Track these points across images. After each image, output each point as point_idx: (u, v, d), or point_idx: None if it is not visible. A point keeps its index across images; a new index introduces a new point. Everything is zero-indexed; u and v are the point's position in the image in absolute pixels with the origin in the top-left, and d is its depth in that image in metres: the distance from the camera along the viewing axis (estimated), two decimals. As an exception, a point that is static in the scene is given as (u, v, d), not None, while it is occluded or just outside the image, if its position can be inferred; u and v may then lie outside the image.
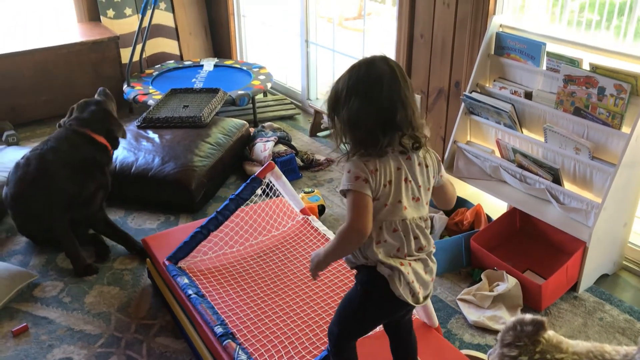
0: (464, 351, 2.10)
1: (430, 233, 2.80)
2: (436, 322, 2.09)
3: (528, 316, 1.67)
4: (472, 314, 2.47)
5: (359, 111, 1.40)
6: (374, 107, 1.40)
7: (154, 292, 2.63)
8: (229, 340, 2.00)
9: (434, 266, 1.61)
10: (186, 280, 2.30)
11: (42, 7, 4.99)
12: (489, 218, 2.90)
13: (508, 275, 2.52)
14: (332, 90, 1.48)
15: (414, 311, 2.11)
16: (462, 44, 3.14)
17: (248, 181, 2.48)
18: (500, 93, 2.88)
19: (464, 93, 2.97)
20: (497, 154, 2.96)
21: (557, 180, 2.65)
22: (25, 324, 2.44)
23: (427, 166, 1.54)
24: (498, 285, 2.54)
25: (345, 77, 1.45)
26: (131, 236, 2.92)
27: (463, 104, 3.01)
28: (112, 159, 2.97)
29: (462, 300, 2.55)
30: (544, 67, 2.74)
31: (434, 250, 1.60)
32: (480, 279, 2.61)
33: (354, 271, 1.60)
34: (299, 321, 2.11)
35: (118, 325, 2.45)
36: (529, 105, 2.77)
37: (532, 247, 2.81)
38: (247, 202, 2.49)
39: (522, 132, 2.84)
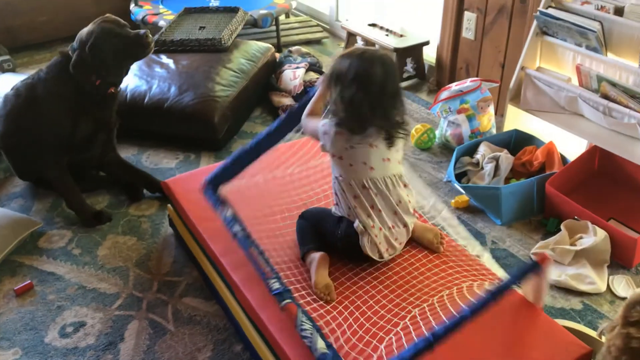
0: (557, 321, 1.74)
1: (495, 176, 2.42)
2: (542, 304, 1.68)
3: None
4: (552, 272, 2.10)
5: (355, 97, 1.61)
6: (367, 101, 1.62)
7: (177, 243, 2.27)
8: (289, 301, 1.58)
9: (404, 233, 1.79)
10: (230, 213, 1.83)
11: None
12: (562, 158, 2.49)
13: (595, 227, 2.14)
14: (336, 66, 1.66)
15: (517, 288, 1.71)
16: (534, -50, 2.63)
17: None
18: (582, 9, 2.41)
19: (538, 9, 2.49)
20: (575, 82, 2.52)
21: (653, 114, 2.23)
22: (29, 281, 2.09)
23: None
24: (582, 237, 2.16)
25: (349, 64, 1.62)
26: (152, 176, 2.55)
27: (535, 23, 2.54)
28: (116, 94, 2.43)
29: (537, 254, 2.18)
30: (643, -24, 2.25)
31: (411, 220, 1.78)
32: (557, 230, 2.24)
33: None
34: (371, 288, 1.75)
35: (137, 283, 2.10)
36: (620, 24, 2.30)
37: (614, 192, 2.42)
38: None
39: (607, 55, 2.38)
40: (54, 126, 2.29)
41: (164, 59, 3.12)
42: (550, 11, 2.45)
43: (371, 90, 1.61)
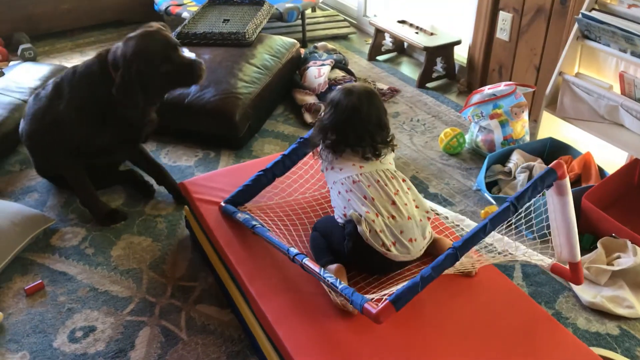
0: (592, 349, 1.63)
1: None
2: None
3: None
4: (586, 293, 1.98)
5: (330, 120, 1.77)
6: (342, 128, 1.76)
7: (193, 247, 2.19)
8: (308, 258, 1.62)
9: (418, 230, 1.67)
10: (247, 216, 1.87)
11: None
12: (600, 170, 2.36)
13: (635, 246, 2.01)
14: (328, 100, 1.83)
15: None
16: (577, -52, 2.49)
17: None
18: (629, 12, 2.27)
19: (580, 12, 2.36)
20: (617, 90, 2.38)
21: (701, 128, 2.09)
22: (40, 280, 2.03)
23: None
24: (620, 257, 2.03)
25: (333, 96, 1.81)
26: (170, 176, 2.46)
27: (576, 26, 2.41)
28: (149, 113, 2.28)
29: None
30: (697, -21, 2.11)
31: (418, 213, 1.69)
32: (592, 247, 2.11)
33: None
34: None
35: (151, 287, 2.02)
36: (669, 30, 2.16)
37: (655, 208, 2.29)
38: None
39: (653, 63, 2.24)
40: (75, 137, 2.20)
41: (186, 52, 3.02)
42: (594, 14, 2.32)
43: (341, 115, 1.74)
